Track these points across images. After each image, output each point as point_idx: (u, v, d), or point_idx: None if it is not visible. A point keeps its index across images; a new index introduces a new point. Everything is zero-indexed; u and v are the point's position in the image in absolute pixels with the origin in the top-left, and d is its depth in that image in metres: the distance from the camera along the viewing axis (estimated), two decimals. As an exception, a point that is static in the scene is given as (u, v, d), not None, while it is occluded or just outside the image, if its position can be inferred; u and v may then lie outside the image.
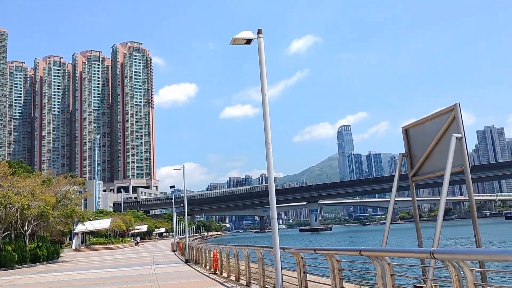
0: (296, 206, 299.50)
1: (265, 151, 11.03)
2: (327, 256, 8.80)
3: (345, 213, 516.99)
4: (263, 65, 11.11)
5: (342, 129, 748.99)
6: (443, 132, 9.21)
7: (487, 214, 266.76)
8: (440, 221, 8.20)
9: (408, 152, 10.68)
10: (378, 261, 7.11)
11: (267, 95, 11.06)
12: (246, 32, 10.88)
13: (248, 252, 15.47)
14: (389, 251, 6.89)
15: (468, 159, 9.00)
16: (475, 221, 8.36)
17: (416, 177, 10.44)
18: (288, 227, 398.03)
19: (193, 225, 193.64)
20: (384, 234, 9.89)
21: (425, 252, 5.82)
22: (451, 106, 9.00)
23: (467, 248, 5.66)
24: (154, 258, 38.78)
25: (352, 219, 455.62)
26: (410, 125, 10.53)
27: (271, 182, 10.97)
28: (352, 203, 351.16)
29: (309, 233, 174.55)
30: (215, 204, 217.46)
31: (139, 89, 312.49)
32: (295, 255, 10.47)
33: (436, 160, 9.51)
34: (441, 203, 8.64)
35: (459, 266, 5.41)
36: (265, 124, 11.08)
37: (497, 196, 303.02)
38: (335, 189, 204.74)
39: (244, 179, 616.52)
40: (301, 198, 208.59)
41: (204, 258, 25.85)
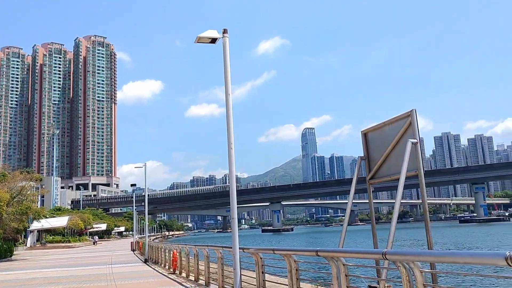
0: (259, 206, 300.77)
1: (227, 151, 11.03)
2: (285, 257, 8.89)
3: (307, 214, 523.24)
4: (228, 65, 11.09)
5: (306, 131, 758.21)
6: (400, 137, 9.49)
7: (442, 218, 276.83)
8: (394, 223, 8.45)
9: (367, 156, 10.94)
10: (334, 262, 7.25)
11: (230, 95, 11.05)
12: (211, 31, 10.84)
13: (208, 252, 15.41)
14: (344, 252, 7.05)
15: (423, 163, 9.32)
16: (427, 224, 8.66)
17: (373, 180, 10.70)
18: (250, 228, 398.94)
19: (154, 225, 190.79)
20: (341, 235, 10.09)
21: (378, 253, 5.99)
22: (407, 112, 9.29)
23: (417, 250, 5.87)
24: (112, 258, 37.95)
25: (314, 220, 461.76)
26: (369, 130, 10.79)
27: (232, 182, 10.97)
28: (314, 204, 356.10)
29: (271, 233, 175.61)
30: (178, 203, 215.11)
31: (101, 84, 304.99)
32: (254, 255, 10.52)
33: (393, 164, 9.79)
34: (396, 205, 8.91)
35: (410, 267, 5.59)
36: (228, 124, 11.07)
37: (452, 200, 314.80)
38: (298, 190, 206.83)
39: (208, 179, 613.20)
40: (264, 198, 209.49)
41: (164, 257, 25.56)
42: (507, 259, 3.97)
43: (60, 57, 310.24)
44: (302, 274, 9.13)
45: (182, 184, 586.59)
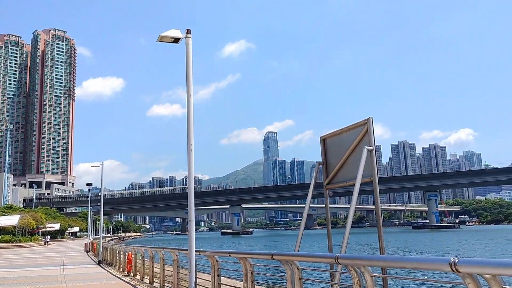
0: (219, 209, 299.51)
1: (187, 152, 10.94)
2: (241, 260, 8.89)
3: (266, 217, 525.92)
4: (190, 66, 11.00)
5: (268, 135, 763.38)
6: (357, 144, 9.71)
7: (396, 223, 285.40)
8: (349, 228, 8.62)
9: (325, 161, 11.11)
10: (289, 265, 7.31)
11: (192, 96, 10.96)
12: (174, 30, 10.72)
13: (163, 255, 15.19)
14: (298, 255, 7.12)
15: (378, 170, 9.57)
16: (380, 229, 8.89)
17: (330, 185, 10.89)
18: (210, 230, 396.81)
19: (110, 225, 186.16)
20: (297, 239, 10.19)
21: (330, 258, 6.09)
22: (365, 120, 9.51)
23: (368, 255, 6.02)
24: (64, 259, 36.70)
25: (273, 223, 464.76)
26: (327, 136, 10.98)
27: (190, 184, 10.88)
28: (274, 207, 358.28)
29: (230, 236, 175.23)
30: (136, 204, 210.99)
31: (60, 79, 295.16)
32: (210, 258, 10.46)
33: (349, 170, 9.99)
34: (351, 211, 9.10)
35: (361, 272, 5.73)
36: (188, 125, 10.98)
37: (406, 207, 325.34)
38: (258, 193, 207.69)
39: (168, 180, 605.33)
40: (224, 201, 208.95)
41: (118, 259, 25.02)
42: (451, 265, 4.14)
43: (16, 49, 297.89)
44: (257, 277, 9.16)
45: (141, 184, 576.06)
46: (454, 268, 4.09)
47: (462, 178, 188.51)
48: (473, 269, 4.00)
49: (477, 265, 3.96)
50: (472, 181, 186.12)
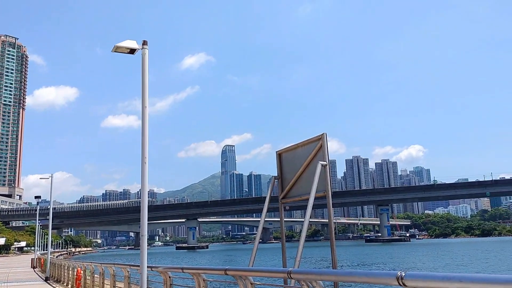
0: (175, 223, 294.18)
1: (141, 165, 10.71)
2: (194, 275, 8.75)
3: (223, 231, 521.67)
4: (146, 77, 10.85)
5: (226, 148, 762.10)
6: (311, 159, 9.87)
7: (350, 237, 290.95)
8: (302, 242, 8.69)
9: (280, 176, 11.21)
10: (242, 281, 7.26)
11: (147, 107, 10.78)
12: (129, 41, 10.56)
13: (114, 271, 14.70)
14: (251, 270, 7.09)
15: (332, 185, 9.75)
16: (332, 243, 9.02)
17: (285, 199, 10.97)
18: (164, 245, 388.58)
19: (59, 240, 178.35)
20: (252, 253, 10.16)
21: (283, 272, 6.11)
22: (319, 136, 9.70)
23: (319, 269, 6.07)
24: (9, 275, 34.71)
25: (230, 237, 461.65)
26: (283, 150, 11.10)
27: (143, 197, 10.63)
28: (231, 221, 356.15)
29: (185, 251, 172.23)
30: (87, 218, 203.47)
31: (9, 87, 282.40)
32: (162, 274, 10.23)
33: (304, 185, 10.12)
34: (304, 225, 9.19)
35: (313, 286, 5.77)
36: (143, 137, 10.77)
37: (359, 221, 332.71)
38: (215, 207, 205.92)
39: (122, 193, 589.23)
40: (180, 215, 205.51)
41: (67, 276, 24.01)
42: (398, 279, 4.24)
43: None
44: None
45: (93, 197, 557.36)
46: (401, 282, 4.20)
47: (412, 193, 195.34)
48: (418, 283, 4.11)
49: (422, 279, 4.08)
50: (421, 196, 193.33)
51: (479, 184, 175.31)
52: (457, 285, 3.72)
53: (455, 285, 3.74)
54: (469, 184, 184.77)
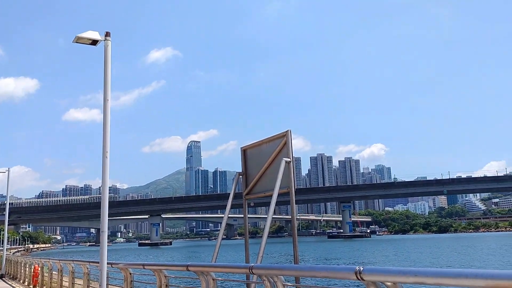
0: (138, 219, 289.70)
1: (102, 159, 10.47)
2: (155, 272, 8.64)
3: (187, 228, 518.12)
4: (108, 70, 10.59)
5: (192, 144, 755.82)
6: (275, 156, 9.93)
7: (313, 233, 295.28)
8: (265, 237, 8.75)
9: (245, 172, 11.23)
10: (204, 276, 7.23)
11: (109, 101, 10.54)
12: (92, 32, 10.27)
13: (73, 267, 14.33)
14: (213, 266, 7.08)
15: (297, 181, 9.86)
16: (295, 239, 9.13)
17: (249, 195, 11.00)
18: (127, 241, 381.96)
19: (16, 236, 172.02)
20: (215, 249, 10.14)
21: (245, 268, 6.13)
22: (283, 133, 9.77)
23: (281, 264, 6.14)
24: (-41, 274, 33.15)
25: (194, 234, 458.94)
26: (248, 146, 11.12)
27: (104, 192, 10.40)
28: (195, 218, 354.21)
29: (148, 247, 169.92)
30: (46, 213, 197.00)
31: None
32: (123, 271, 10.04)
33: (268, 181, 10.18)
34: (267, 221, 9.25)
35: (274, 281, 5.82)
36: (104, 131, 10.53)
37: (323, 217, 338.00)
38: (179, 203, 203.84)
39: (83, 188, 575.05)
40: (143, 211, 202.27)
41: (24, 273, 23.23)
42: (356, 273, 4.35)
43: None
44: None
45: (53, 192, 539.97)
46: (359, 277, 4.30)
47: (374, 191, 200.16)
48: (376, 277, 4.23)
49: (380, 273, 4.20)
50: (382, 193, 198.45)
51: (437, 182, 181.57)
52: (412, 279, 3.85)
53: (411, 279, 3.87)
54: (428, 182, 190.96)
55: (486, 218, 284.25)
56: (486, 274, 3.32)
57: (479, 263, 44.20)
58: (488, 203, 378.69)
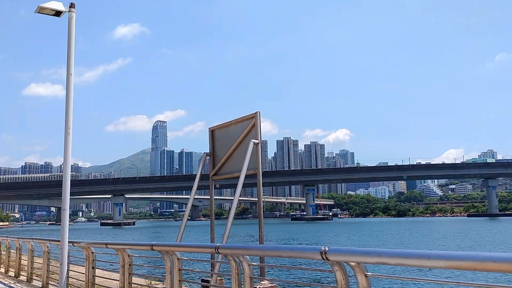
0: (100, 198, 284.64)
1: (64, 136, 10.14)
2: (118, 251, 8.52)
3: (151, 208, 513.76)
4: (72, 43, 10.17)
5: (158, 124, 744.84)
6: (244, 137, 9.90)
7: (277, 215, 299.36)
8: (231, 218, 8.77)
9: (212, 152, 11.16)
10: (169, 256, 7.18)
11: (73, 75, 10.16)
12: (55, 2, 9.80)
13: (33, 246, 13.95)
14: (179, 246, 7.04)
15: (263, 164, 9.87)
16: (260, 220, 9.19)
17: (216, 176, 10.96)
18: (88, 221, 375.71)
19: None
20: (180, 229, 10.09)
21: (211, 247, 6.13)
22: (252, 114, 9.73)
23: (246, 244, 6.17)
24: None
25: (158, 214, 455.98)
26: (216, 127, 11.03)
27: (66, 170, 10.10)
28: (160, 198, 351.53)
29: (110, 227, 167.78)
30: (4, 191, 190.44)
31: None
32: (85, 250, 9.86)
33: (235, 162, 10.16)
34: (234, 202, 9.26)
35: (239, 261, 5.84)
36: (67, 107, 10.17)
37: (287, 200, 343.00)
38: (144, 183, 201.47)
39: (44, 166, 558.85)
40: (106, 190, 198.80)
41: (-22, 252, 22.37)
42: (321, 253, 4.41)
43: None
44: (136, 269, 8.86)
45: (11, 169, 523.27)
46: (324, 257, 4.37)
47: (337, 175, 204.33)
48: (341, 257, 4.31)
49: (345, 253, 4.28)
50: (345, 177, 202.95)
51: (397, 168, 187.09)
52: (376, 259, 3.95)
53: (375, 259, 3.96)
54: (389, 167, 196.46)
55: (442, 204, 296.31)
56: (447, 255, 3.44)
57: (435, 246, 46.16)
58: (445, 189, 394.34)
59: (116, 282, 9.20)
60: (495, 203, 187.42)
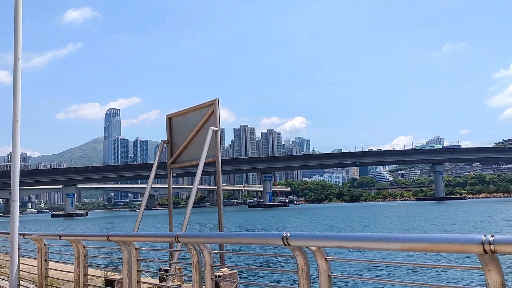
0: (51, 189, 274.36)
1: (12, 125, 9.63)
2: (72, 242, 8.26)
3: (104, 198, 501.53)
4: (19, 25, 9.61)
5: (111, 112, 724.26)
6: (202, 124, 9.80)
7: (234, 203, 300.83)
8: (190, 207, 8.70)
9: (170, 140, 10.98)
10: (126, 247, 7.04)
11: (20, 60, 9.62)
12: (-1, -19, 9.21)
13: (-21, 240, 13.25)
14: (137, 235, 6.92)
15: (222, 151, 9.83)
16: (220, 208, 9.18)
17: (174, 164, 10.81)
18: (38, 212, 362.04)
19: None
20: (137, 219, 9.91)
21: (170, 237, 6.05)
22: (211, 101, 9.63)
23: (207, 232, 6.14)
24: None
25: (112, 204, 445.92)
26: (173, 114, 10.84)
27: (15, 160, 9.62)
28: (114, 188, 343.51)
29: (62, 218, 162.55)
30: None
31: None
32: (37, 242, 9.49)
33: (194, 150, 10.05)
34: (193, 190, 9.19)
35: (200, 249, 5.82)
36: (15, 93, 9.64)
37: (244, 187, 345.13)
38: (97, 173, 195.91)
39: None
40: (57, 181, 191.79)
41: None
42: (283, 239, 4.46)
43: None
44: (91, 260, 8.62)
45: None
46: (286, 242, 4.42)
47: (293, 162, 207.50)
48: (302, 242, 4.38)
49: (306, 238, 4.35)
50: (301, 165, 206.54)
51: (351, 154, 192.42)
52: (336, 243, 4.04)
53: (335, 243, 4.06)
54: (342, 154, 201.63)
55: (393, 188, 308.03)
56: (403, 237, 3.57)
57: (385, 230, 48.01)
58: (395, 175, 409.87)
59: (70, 274, 8.93)
60: (442, 187, 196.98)
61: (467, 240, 3.15)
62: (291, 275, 12.92)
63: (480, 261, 3.18)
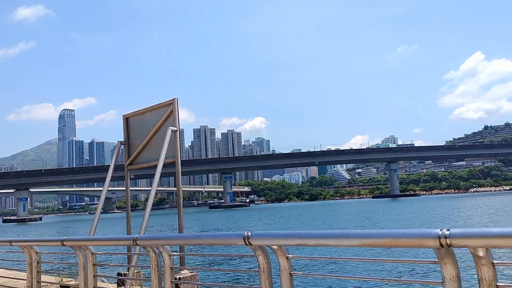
0: (2, 193, 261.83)
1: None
2: (24, 248, 7.87)
3: (59, 202, 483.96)
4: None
5: (65, 113, 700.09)
6: (161, 124, 9.61)
7: (195, 204, 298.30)
8: (149, 209, 8.50)
9: (127, 141, 10.69)
10: (82, 251, 6.79)
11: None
12: None
13: None
14: (93, 239, 6.68)
15: (181, 152, 9.66)
16: (180, 210, 9.02)
17: (132, 165, 10.54)
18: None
19: None
20: (93, 223, 9.58)
21: (129, 240, 5.87)
22: (170, 100, 9.46)
23: (166, 234, 6.01)
24: None
25: (67, 208, 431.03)
26: (131, 114, 10.57)
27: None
28: (69, 191, 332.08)
29: (14, 224, 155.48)
30: None
31: None
32: (-16, 250, 8.98)
33: (152, 150, 9.83)
34: (152, 191, 8.99)
35: (159, 252, 5.68)
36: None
37: (205, 188, 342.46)
38: (50, 176, 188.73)
39: None
40: (8, 184, 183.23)
41: None
42: (244, 239, 4.42)
43: None
44: (45, 266, 8.25)
45: None
46: (247, 242, 4.38)
47: (253, 162, 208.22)
48: (263, 241, 4.36)
49: (267, 237, 4.33)
50: (261, 164, 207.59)
51: (310, 154, 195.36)
52: (298, 241, 4.04)
53: (296, 241, 4.05)
54: (302, 154, 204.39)
55: (350, 187, 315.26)
56: (363, 234, 3.62)
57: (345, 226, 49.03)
58: (352, 173, 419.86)
59: (22, 282, 8.52)
60: (397, 185, 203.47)
61: (424, 234, 3.23)
62: (252, 275, 12.91)
63: (436, 255, 3.26)
